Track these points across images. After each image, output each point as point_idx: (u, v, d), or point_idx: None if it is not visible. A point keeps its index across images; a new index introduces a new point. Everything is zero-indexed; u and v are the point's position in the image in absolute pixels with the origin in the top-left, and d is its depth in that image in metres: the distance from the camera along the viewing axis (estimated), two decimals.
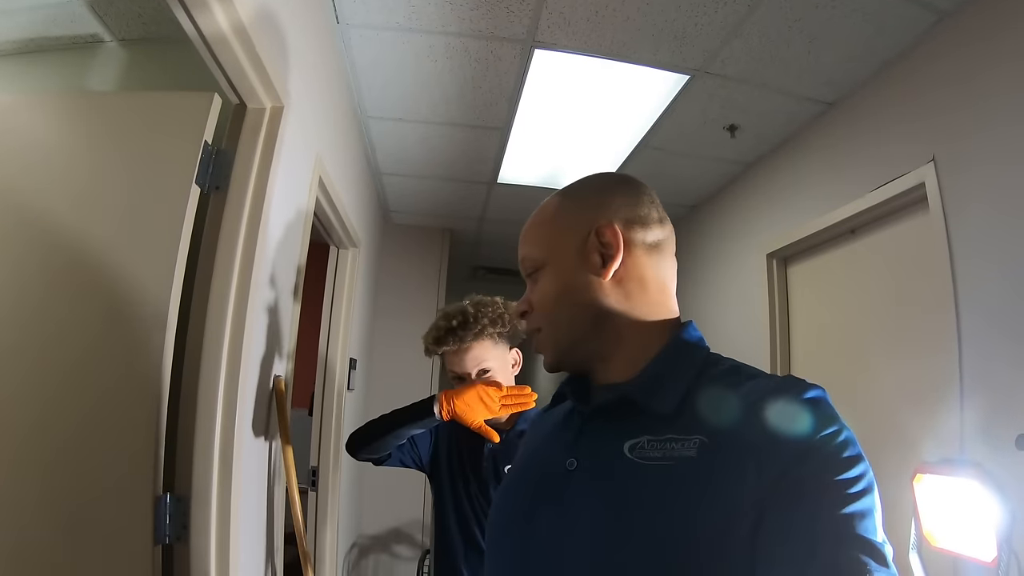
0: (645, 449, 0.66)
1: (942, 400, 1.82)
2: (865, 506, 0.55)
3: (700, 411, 0.67)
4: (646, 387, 0.71)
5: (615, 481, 0.67)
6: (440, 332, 1.62)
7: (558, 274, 0.78)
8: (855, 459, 0.58)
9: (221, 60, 1.33)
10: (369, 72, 2.39)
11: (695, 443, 0.64)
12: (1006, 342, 1.63)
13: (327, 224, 2.59)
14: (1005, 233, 1.68)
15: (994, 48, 1.75)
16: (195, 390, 1.37)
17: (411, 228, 4.52)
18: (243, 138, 1.52)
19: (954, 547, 1.25)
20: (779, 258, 2.91)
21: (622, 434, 0.69)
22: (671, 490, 0.62)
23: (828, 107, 2.50)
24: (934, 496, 1.29)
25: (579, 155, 3.15)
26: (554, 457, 0.76)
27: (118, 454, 1.25)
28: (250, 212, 1.49)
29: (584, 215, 0.78)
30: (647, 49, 2.14)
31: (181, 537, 1.30)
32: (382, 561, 3.98)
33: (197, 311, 1.42)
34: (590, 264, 0.76)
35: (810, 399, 0.62)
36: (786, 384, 0.65)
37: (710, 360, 0.75)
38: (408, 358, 4.28)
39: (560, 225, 0.80)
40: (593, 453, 0.72)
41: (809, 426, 0.60)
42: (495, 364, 1.62)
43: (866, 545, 0.53)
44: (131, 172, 1.39)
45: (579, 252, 0.77)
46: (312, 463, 2.76)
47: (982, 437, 1.62)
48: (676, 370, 0.72)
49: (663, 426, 0.67)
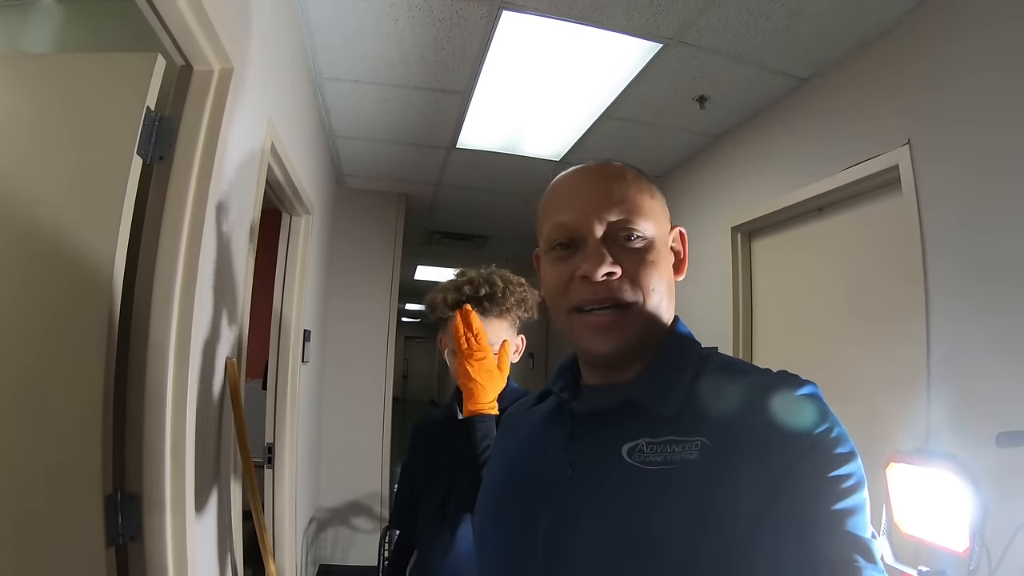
0: (644, 453, 0.65)
1: (907, 386, 1.85)
2: (856, 503, 0.56)
3: (700, 411, 0.65)
4: (650, 389, 0.69)
5: (615, 487, 0.65)
6: (461, 296, 1.44)
7: (662, 257, 0.74)
8: (848, 456, 0.59)
9: (164, 16, 1.20)
10: (325, 31, 2.24)
11: (696, 445, 0.63)
12: (978, 332, 1.66)
13: (279, 191, 2.46)
14: (980, 220, 1.69)
15: (973, 34, 1.74)
16: (142, 378, 1.28)
17: (365, 192, 4.37)
18: (189, 103, 1.39)
19: (924, 535, 1.27)
20: (744, 232, 2.92)
21: (619, 436, 0.67)
22: (672, 494, 0.61)
23: (801, 82, 2.47)
24: (906, 484, 1.31)
25: (542, 122, 3.06)
26: (549, 462, 0.73)
27: (62, 451, 1.15)
28: (197, 184, 1.38)
29: (667, 210, 0.78)
30: (621, 14, 2.06)
31: (135, 536, 1.22)
32: (341, 534, 3.96)
33: (142, 292, 1.31)
34: (671, 259, 0.77)
35: (804, 395, 0.62)
36: (780, 380, 0.65)
37: (703, 355, 0.73)
38: (363, 328, 4.21)
39: (662, 208, 0.77)
40: (590, 457, 0.69)
41: (805, 423, 0.60)
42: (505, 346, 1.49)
43: (857, 542, 0.54)
44: (66, 143, 1.25)
45: (666, 243, 0.76)
46: (268, 439, 2.67)
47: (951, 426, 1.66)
48: (677, 369, 0.71)
49: (662, 427, 0.66)
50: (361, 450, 4.09)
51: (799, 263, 2.60)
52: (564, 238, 0.73)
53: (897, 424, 1.88)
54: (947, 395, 1.70)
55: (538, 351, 6.93)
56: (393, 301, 4.32)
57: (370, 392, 4.18)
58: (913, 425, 1.79)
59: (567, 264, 0.72)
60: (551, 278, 0.74)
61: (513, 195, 4.33)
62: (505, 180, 4.01)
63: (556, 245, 0.73)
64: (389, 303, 4.31)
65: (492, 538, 0.77)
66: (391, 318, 4.30)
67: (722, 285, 2.96)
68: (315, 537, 3.75)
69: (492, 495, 0.82)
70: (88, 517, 1.15)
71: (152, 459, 1.26)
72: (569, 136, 3.21)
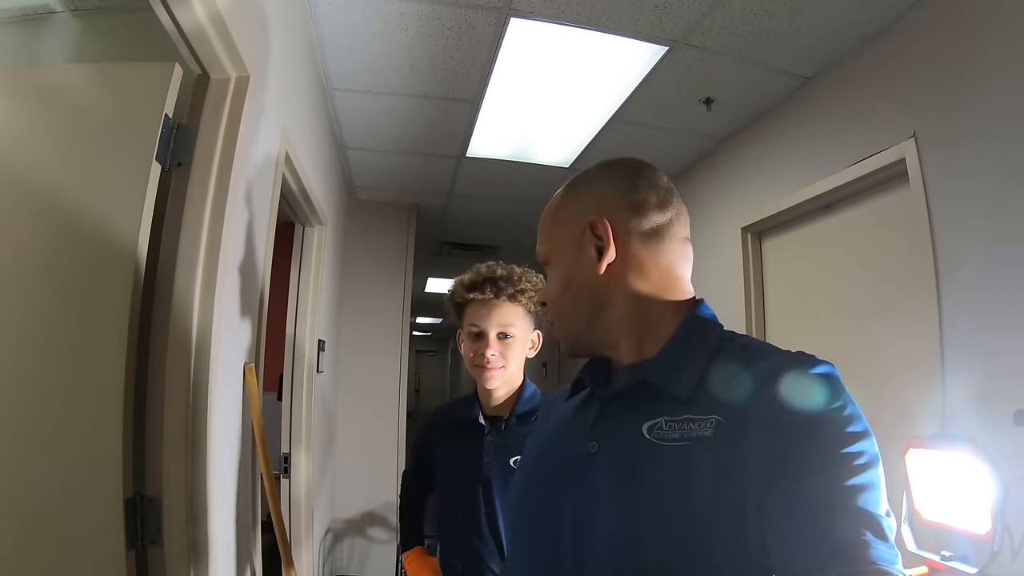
0: (664, 430, 0.68)
1: (923, 373, 1.84)
2: (868, 479, 0.57)
3: (716, 391, 0.68)
4: (663, 370, 0.72)
5: (635, 462, 0.69)
6: (479, 277, 1.53)
7: (560, 268, 0.81)
8: (861, 434, 0.60)
9: (183, 25, 1.22)
10: (336, 42, 2.27)
11: (712, 423, 0.65)
12: (989, 317, 1.66)
13: (292, 201, 2.48)
14: (986, 207, 1.69)
15: (975, 26, 1.74)
16: (163, 382, 1.28)
17: (376, 204, 4.39)
18: (206, 111, 1.41)
19: (945, 520, 1.26)
20: (753, 232, 2.91)
21: (641, 416, 0.71)
22: (689, 469, 0.64)
23: (806, 81, 2.48)
24: (925, 470, 1.30)
25: (551, 129, 3.08)
26: (575, 441, 0.78)
27: (83, 454, 1.16)
28: (215, 191, 1.39)
29: (579, 209, 0.81)
30: (627, 19, 2.07)
31: (155, 540, 1.22)
32: (357, 545, 3.94)
33: (162, 296, 1.32)
34: (587, 257, 0.78)
35: (818, 374, 0.64)
36: (796, 360, 0.67)
37: (724, 337, 0.75)
38: (377, 337, 4.21)
39: (560, 221, 0.83)
40: (613, 436, 0.74)
41: (816, 401, 0.61)
42: (518, 333, 1.53)
43: (867, 517, 0.55)
44: (86, 151, 1.27)
45: (577, 246, 0.79)
46: (284, 449, 2.68)
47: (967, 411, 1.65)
48: (692, 351, 0.73)
49: (680, 407, 0.69)
50: (376, 461, 4.08)
51: (810, 260, 2.59)
52: None
53: (914, 411, 1.86)
54: (962, 380, 1.70)
55: (551, 360, 6.91)
56: (406, 312, 4.34)
57: (384, 403, 4.19)
58: (930, 411, 1.79)
59: None
60: None
61: (523, 203, 4.35)
62: (515, 188, 4.02)
63: None
64: (402, 314, 4.32)
65: (524, 514, 0.82)
66: (404, 329, 4.31)
67: (734, 285, 2.95)
68: (331, 548, 3.74)
69: (525, 473, 0.88)
70: (108, 520, 1.15)
71: (172, 463, 1.26)
72: (578, 142, 3.23)
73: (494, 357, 1.50)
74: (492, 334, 1.51)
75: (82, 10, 1.70)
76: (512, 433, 1.52)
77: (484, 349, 1.51)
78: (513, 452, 1.47)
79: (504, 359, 1.52)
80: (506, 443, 1.50)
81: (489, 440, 1.53)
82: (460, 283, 1.58)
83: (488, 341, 1.51)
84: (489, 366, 1.51)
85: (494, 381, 1.52)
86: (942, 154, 1.83)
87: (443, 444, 1.66)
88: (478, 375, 1.54)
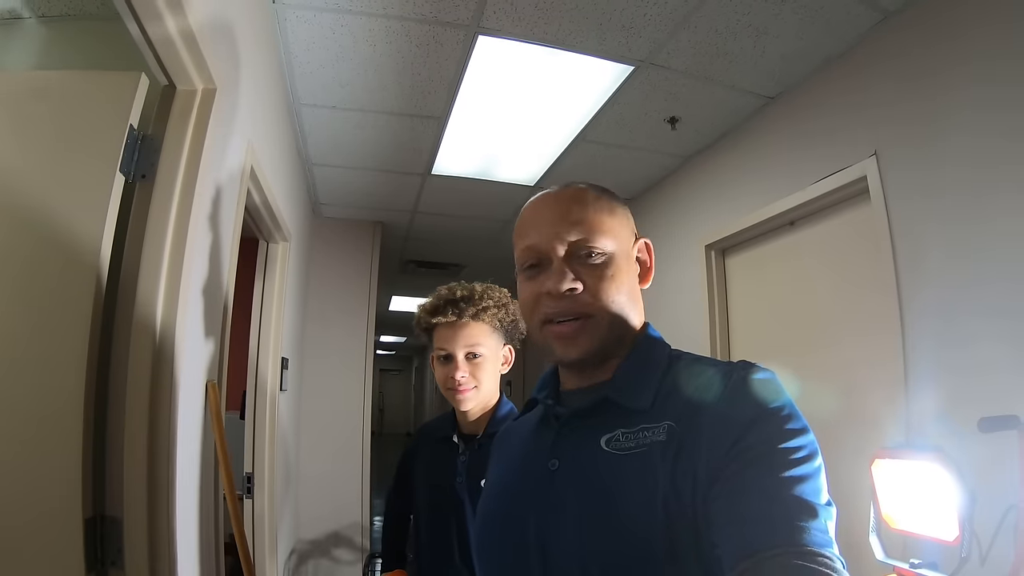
0: (620, 441, 0.72)
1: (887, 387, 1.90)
2: (805, 471, 0.60)
3: (667, 400, 0.73)
4: (625, 387, 0.77)
5: (596, 474, 0.72)
6: (440, 301, 1.52)
7: (622, 270, 0.81)
8: (800, 430, 0.64)
9: (151, 35, 1.20)
10: (304, 56, 2.26)
11: (664, 428, 0.70)
12: (951, 328, 1.72)
13: (256, 216, 2.44)
14: (946, 222, 1.76)
15: (936, 47, 1.82)
16: (123, 400, 1.24)
17: (341, 221, 4.36)
18: (172, 122, 1.39)
19: (914, 528, 1.29)
20: (717, 249, 2.98)
21: (598, 430, 0.75)
22: (644, 472, 0.68)
23: (769, 101, 2.56)
24: (892, 479, 1.33)
25: (517, 147, 3.11)
26: (536, 460, 0.80)
27: (41, 473, 1.11)
28: (179, 204, 1.37)
29: (628, 221, 0.86)
30: (593, 38, 2.12)
31: (116, 562, 1.17)
32: (322, 566, 3.84)
33: (123, 311, 1.29)
34: (634, 268, 0.84)
35: (760, 378, 0.69)
36: (740, 366, 0.72)
37: (674, 355, 0.81)
38: (340, 356, 4.16)
39: (623, 224, 0.84)
40: (573, 451, 0.77)
41: (757, 400, 0.67)
42: (487, 352, 1.52)
43: (804, 505, 0.58)
44: (48, 160, 1.23)
45: (629, 256, 0.83)
46: (247, 469, 2.61)
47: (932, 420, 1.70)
48: (647, 368, 0.78)
49: (636, 417, 0.73)
50: (341, 480, 4.00)
51: (773, 277, 2.65)
52: (532, 259, 0.81)
53: (880, 422, 1.91)
54: (926, 390, 1.75)
55: (515, 378, 6.90)
56: (370, 331, 4.29)
57: (348, 422, 4.12)
58: (895, 422, 1.84)
59: (536, 282, 0.80)
60: (524, 295, 0.83)
61: (488, 221, 4.37)
62: (480, 206, 4.04)
63: (526, 266, 0.82)
64: (366, 333, 4.28)
65: (491, 537, 0.83)
66: (368, 348, 4.26)
67: (698, 303, 3.01)
68: (296, 570, 3.64)
69: (489, 498, 0.89)
70: (67, 541, 1.10)
71: (134, 482, 1.22)
72: (543, 161, 3.27)
73: (464, 379, 1.50)
74: (460, 356, 1.50)
75: (48, 17, 1.66)
76: (484, 452, 1.51)
77: (453, 372, 1.50)
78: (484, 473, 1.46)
79: (475, 379, 1.51)
80: (478, 463, 1.49)
81: (462, 460, 1.52)
82: (422, 308, 1.57)
83: (456, 363, 1.50)
84: (460, 388, 1.50)
85: (467, 403, 1.51)
86: (903, 171, 1.91)
87: (422, 462, 1.65)
88: (451, 398, 1.53)
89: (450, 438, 1.56)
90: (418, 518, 1.61)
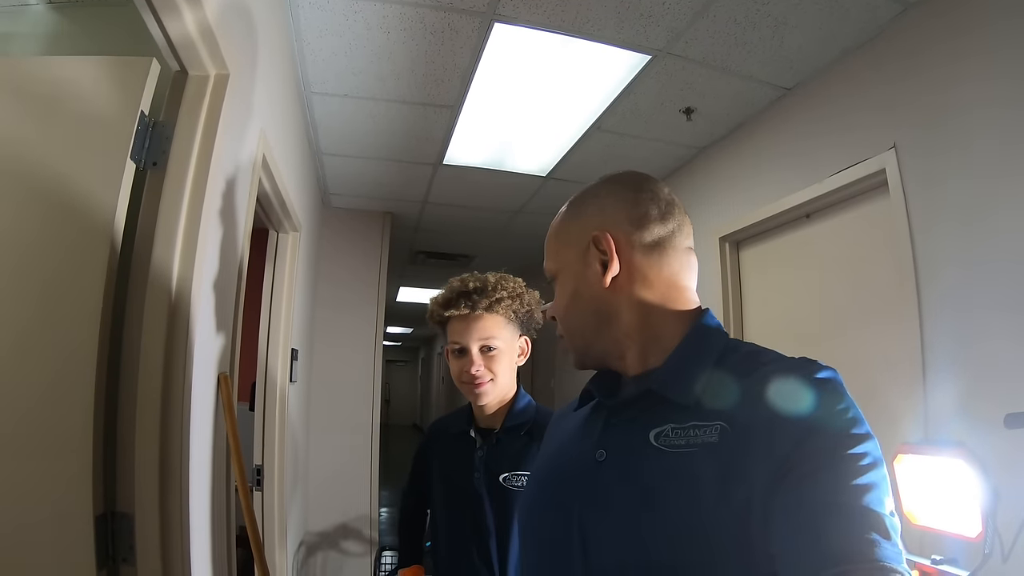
0: (670, 437, 0.69)
1: (904, 382, 1.86)
2: (872, 479, 0.58)
3: (720, 397, 0.69)
4: (668, 379, 0.73)
5: (642, 468, 0.70)
6: (452, 294, 1.49)
7: (567, 283, 0.83)
8: (864, 436, 0.61)
9: (164, 20, 1.17)
10: (316, 44, 2.22)
11: (716, 429, 0.66)
12: (970, 323, 1.69)
13: (267, 206, 2.41)
14: (965, 215, 1.72)
15: (956, 40, 1.78)
16: (134, 394, 1.22)
17: (351, 211, 4.33)
18: (184, 109, 1.36)
19: (936, 524, 1.27)
20: (732, 242, 2.94)
21: (648, 424, 0.72)
22: (695, 475, 0.65)
23: (786, 92, 2.51)
24: (914, 475, 1.31)
25: (529, 137, 3.07)
26: (583, 450, 0.78)
27: (52, 469, 1.09)
28: (191, 193, 1.33)
29: (583, 224, 0.83)
30: (611, 26, 2.07)
31: (127, 559, 1.15)
32: (331, 558, 3.85)
33: (134, 301, 1.26)
34: (592, 272, 0.80)
35: (821, 379, 0.66)
36: (799, 365, 0.68)
37: (729, 346, 0.76)
38: (350, 347, 4.14)
39: (564, 236, 0.85)
40: (621, 444, 0.75)
41: (819, 404, 0.63)
42: (501, 344, 1.49)
43: (872, 517, 0.55)
44: (58, 148, 1.21)
45: (582, 261, 0.81)
46: (256, 461, 2.59)
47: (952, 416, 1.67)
48: (697, 359, 0.74)
49: (686, 414, 0.70)
50: (350, 472, 4.00)
51: (788, 270, 2.61)
52: None
53: (898, 418, 1.88)
54: (945, 385, 1.73)
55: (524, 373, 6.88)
56: (379, 322, 4.27)
57: (357, 413, 4.11)
58: (913, 417, 1.81)
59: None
60: None
61: (499, 212, 4.33)
62: (491, 197, 4.00)
63: None
64: (375, 324, 4.26)
65: (534, 525, 0.83)
66: (377, 340, 4.25)
67: (712, 296, 2.97)
68: (304, 562, 3.64)
69: (535, 484, 0.89)
70: (78, 538, 1.08)
71: (145, 478, 1.20)
72: (556, 151, 3.22)
73: (479, 372, 1.47)
74: (474, 349, 1.47)
75: (58, 3, 1.63)
76: (502, 447, 1.48)
77: (468, 366, 1.47)
78: (503, 468, 1.43)
79: (491, 372, 1.48)
80: (496, 458, 1.46)
81: (479, 455, 1.49)
82: (435, 301, 1.54)
83: (471, 357, 1.47)
84: (477, 382, 1.47)
85: (485, 397, 1.49)
86: (923, 165, 1.87)
87: (439, 458, 1.62)
88: (467, 392, 1.50)
89: (467, 433, 1.53)
90: (434, 514, 1.58)
